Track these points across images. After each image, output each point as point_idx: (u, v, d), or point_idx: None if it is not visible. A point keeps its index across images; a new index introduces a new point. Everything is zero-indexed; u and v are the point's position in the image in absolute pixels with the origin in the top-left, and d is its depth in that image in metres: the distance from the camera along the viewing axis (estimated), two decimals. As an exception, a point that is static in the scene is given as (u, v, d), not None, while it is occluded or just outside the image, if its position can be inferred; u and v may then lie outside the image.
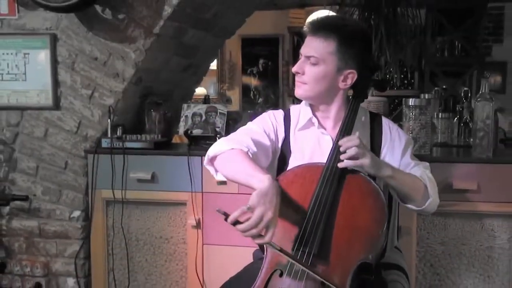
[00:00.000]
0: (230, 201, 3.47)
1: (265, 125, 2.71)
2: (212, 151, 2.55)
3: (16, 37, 3.91)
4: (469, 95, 4.41)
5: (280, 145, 2.71)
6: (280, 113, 2.79)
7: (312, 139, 2.68)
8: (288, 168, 2.62)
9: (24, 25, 3.90)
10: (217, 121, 3.93)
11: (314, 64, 2.55)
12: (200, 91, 7.24)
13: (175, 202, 3.74)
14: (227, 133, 3.81)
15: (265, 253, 2.39)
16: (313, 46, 2.55)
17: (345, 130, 2.51)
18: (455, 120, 4.16)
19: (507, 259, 3.44)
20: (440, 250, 3.51)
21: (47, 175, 3.95)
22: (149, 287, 3.87)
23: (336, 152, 2.43)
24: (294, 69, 2.59)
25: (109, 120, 3.80)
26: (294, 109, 2.80)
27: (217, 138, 3.77)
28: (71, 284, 3.97)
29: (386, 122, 2.73)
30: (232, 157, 2.46)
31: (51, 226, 3.97)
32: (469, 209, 3.44)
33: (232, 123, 3.99)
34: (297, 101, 2.80)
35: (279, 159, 2.71)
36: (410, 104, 3.55)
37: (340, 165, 2.39)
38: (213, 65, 8.92)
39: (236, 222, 2.11)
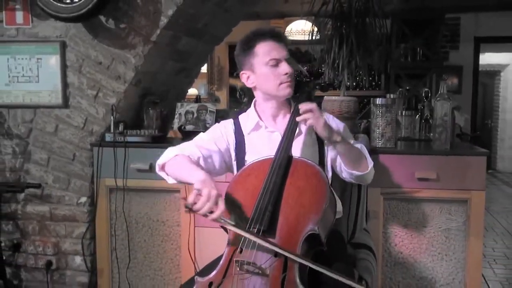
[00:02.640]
0: (217, 188, 3.43)
1: (214, 135, 2.80)
2: (161, 160, 2.64)
3: (30, 44, 3.89)
4: (429, 95, 4.41)
5: (233, 148, 2.79)
6: (229, 122, 2.87)
7: (263, 137, 2.75)
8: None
9: (37, 33, 3.88)
10: (207, 118, 3.91)
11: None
12: (192, 91, 7.21)
13: (170, 189, 3.69)
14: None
15: (228, 236, 2.43)
16: (283, 51, 2.64)
17: (293, 124, 2.57)
18: (417, 117, 4.15)
19: (463, 240, 3.44)
20: (404, 231, 3.50)
21: (57, 166, 3.92)
22: (147, 264, 3.84)
23: (283, 145, 2.52)
24: (290, 70, 2.62)
25: (112, 117, 3.77)
26: (242, 116, 2.88)
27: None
28: (78, 262, 3.95)
29: (325, 115, 2.73)
30: (176, 163, 2.55)
31: (61, 210, 3.95)
32: (430, 196, 3.43)
33: (221, 120, 3.96)
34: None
35: (237, 160, 2.77)
36: (377, 103, 3.54)
37: (298, 118, 2.49)
38: (204, 69, 8.90)
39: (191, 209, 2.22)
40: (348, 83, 3.89)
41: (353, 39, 3.76)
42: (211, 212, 2.20)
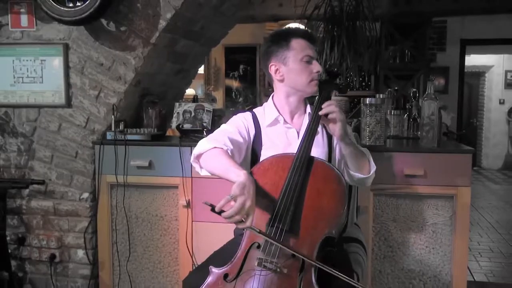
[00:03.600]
0: (214, 185, 3.42)
1: (237, 125, 2.73)
2: (197, 150, 2.54)
3: (34, 46, 3.87)
4: (417, 95, 4.41)
5: (251, 140, 2.74)
6: (248, 114, 2.82)
7: (281, 132, 2.73)
8: (261, 158, 2.65)
9: (41, 36, 3.86)
10: (204, 117, 3.90)
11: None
12: (189, 91, 7.17)
13: (168, 185, 3.70)
14: (213, 127, 3.78)
15: (244, 230, 2.37)
16: (315, 51, 2.68)
17: (314, 123, 2.53)
18: (405, 116, 4.15)
19: (449, 234, 3.44)
20: (393, 226, 3.50)
21: (61, 163, 3.91)
22: (147, 257, 3.84)
23: (304, 144, 2.46)
24: (321, 69, 2.66)
25: (113, 116, 3.77)
26: (258, 110, 2.85)
27: (204, 131, 3.74)
28: (81, 255, 3.94)
29: None
30: (214, 155, 2.46)
31: (64, 205, 3.94)
32: (417, 191, 3.43)
33: (217, 119, 3.97)
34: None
35: (252, 152, 2.73)
36: (367, 102, 3.53)
37: (321, 112, 2.47)
38: (201, 70, 8.92)
39: (221, 211, 2.12)
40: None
41: (344, 41, 3.78)
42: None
